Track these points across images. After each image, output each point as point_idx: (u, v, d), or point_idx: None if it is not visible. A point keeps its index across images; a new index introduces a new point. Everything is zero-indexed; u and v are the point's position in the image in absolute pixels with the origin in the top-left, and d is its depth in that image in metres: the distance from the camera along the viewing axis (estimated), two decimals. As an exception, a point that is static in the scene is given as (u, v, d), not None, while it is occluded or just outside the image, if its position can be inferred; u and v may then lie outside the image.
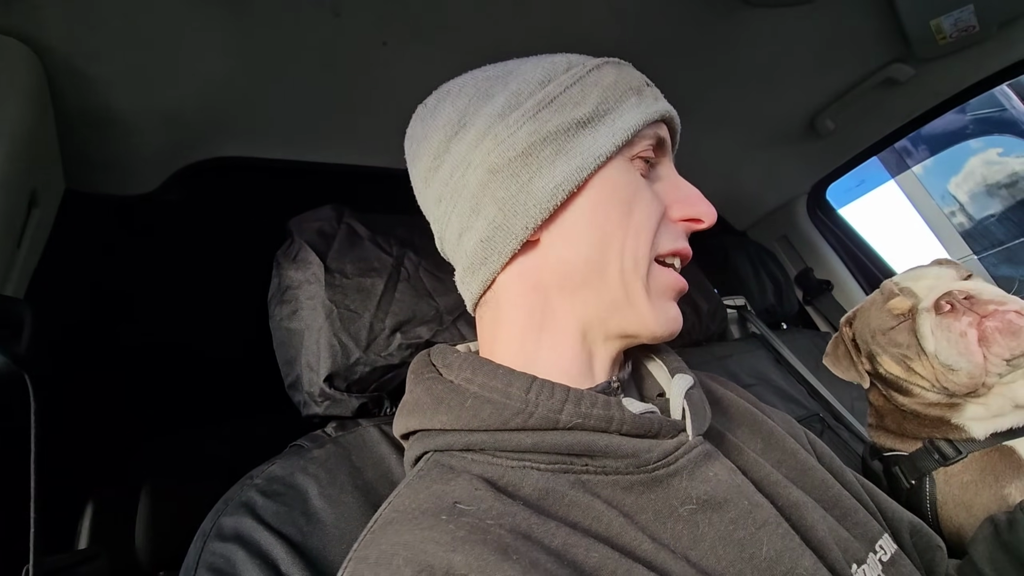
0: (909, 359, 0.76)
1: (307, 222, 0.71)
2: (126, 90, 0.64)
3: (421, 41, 0.81)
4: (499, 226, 0.42)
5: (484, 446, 0.39)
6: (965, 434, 0.76)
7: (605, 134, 0.43)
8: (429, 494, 0.36)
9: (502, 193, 0.42)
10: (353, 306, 0.65)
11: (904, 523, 0.54)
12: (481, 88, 0.45)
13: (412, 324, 0.68)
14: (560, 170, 0.41)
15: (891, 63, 1.19)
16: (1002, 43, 1.10)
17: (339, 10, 0.72)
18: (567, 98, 0.43)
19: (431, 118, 0.46)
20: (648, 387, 0.51)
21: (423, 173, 0.47)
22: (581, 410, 0.38)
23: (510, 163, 0.42)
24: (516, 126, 0.42)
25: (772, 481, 0.44)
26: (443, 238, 0.48)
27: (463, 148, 0.43)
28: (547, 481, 0.37)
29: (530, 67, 0.45)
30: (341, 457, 0.58)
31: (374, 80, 0.82)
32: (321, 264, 0.66)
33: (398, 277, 0.70)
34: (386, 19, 0.76)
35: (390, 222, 0.76)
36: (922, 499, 0.79)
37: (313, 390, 0.63)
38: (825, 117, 1.36)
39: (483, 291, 0.46)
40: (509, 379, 0.40)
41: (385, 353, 0.65)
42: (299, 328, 0.65)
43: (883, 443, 0.88)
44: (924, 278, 0.79)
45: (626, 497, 0.38)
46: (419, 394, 0.43)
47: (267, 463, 0.57)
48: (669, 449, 0.40)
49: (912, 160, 3.19)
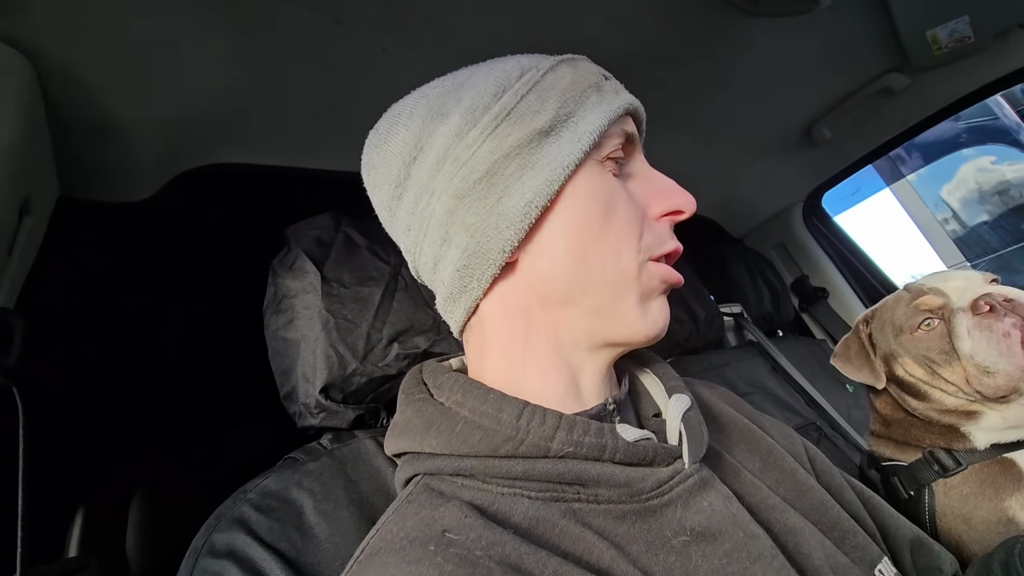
0: (934, 362, 0.75)
1: (304, 230, 0.70)
2: (122, 96, 0.63)
3: (421, 48, 0.80)
4: (473, 253, 0.41)
5: (474, 472, 0.38)
6: (969, 443, 0.75)
7: (570, 140, 0.40)
8: (417, 521, 0.35)
9: (471, 219, 0.40)
10: (350, 316, 0.64)
11: (906, 539, 0.53)
12: (434, 107, 0.42)
13: (410, 334, 0.68)
14: (529, 186, 0.39)
15: (887, 73, 1.20)
16: (997, 54, 1.11)
17: (340, 18, 0.72)
18: (525, 107, 0.40)
19: (385, 144, 0.44)
20: (644, 405, 0.50)
21: (386, 202, 0.45)
22: (573, 438, 0.37)
23: (475, 186, 0.39)
24: (476, 145, 0.40)
25: (769, 505, 0.43)
26: (417, 266, 0.47)
27: (423, 174, 0.41)
28: (537, 510, 0.37)
29: (481, 78, 0.42)
30: (336, 470, 0.57)
31: (374, 87, 0.82)
32: (318, 273, 0.65)
33: (395, 286, 0.69)
34: (386, 26, 0.76)
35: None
36: (921, 510, 0.78)
37: (309, 401, 0.62)
38: (822, 126, 1.37)
39: (467, 318, 0.45)
40: (500, 404, 0.39)
41: (382, 364, 0.65)
42: (295, 338, 0.64)
43: (882, 453, 0.87)
44: (953, 279, 0.77)
45: (618, 527, 0.37)
46: (409, 415, 0.42)
47: (261, 477, 0.56)
48: (664, 478, 0.39)
49: (906, 168, 3.21)
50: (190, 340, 0.89)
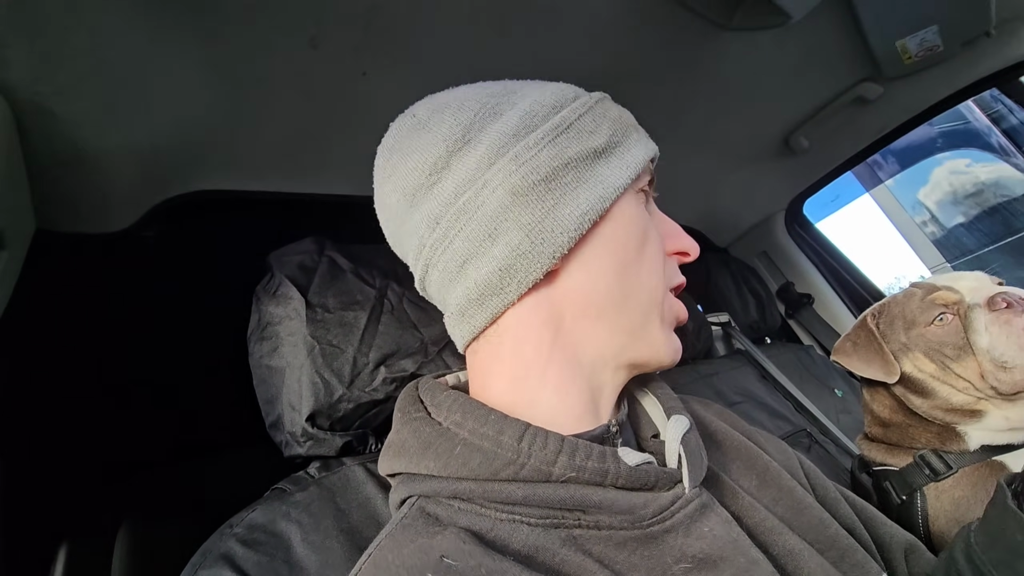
0: (947, 356, 0.75)
1: (287, 256, 0.69)
2: (97, 127, 0.62)
3: (401, 70, 0.81)
4: (523, 253, 0.40)
5: (472, 496, 0.37)
6: (962, 444, 0.76)
7: (619, 165, 0.43)
8: (414, 548, 0.34)
9: (527, 218, 0.39)
10: (336, 341, 0.64)
11: (900, 547, 0.53)
12: (486, 104, 0.42)
13: (397, 357, 0.67)
14: (584, 198, 0.40)
15: (861, 82, 1.22)
16: (965, 62, 1.14)
17: (317, 43, 0.72)
18: (582, 126, 0.42)
19: (423, 130, 0.42)
20: (643, 426, 0.49)
21: (410, 190, 0.42)
22: (575, 462, 0.37)
23: (535, 187, 0.40)
24: (537, 148, 0.40)
25: (767, 528, 0.43)
26: (432, 265, 0.43)
27: (470, 166, 0.40)
28: (538, 537, 0.36)
29: (535, 89, 0.44)
30: (325, 500, 0.56)
31: (354, 110, 0.82)
32: (302, 299, 0.64)
33: (381, 309, 0.69)
34: (364, 49, 0.76)
35: (372, 253, 0.75)
36: (913, 515, 0.78)
37: (295, 430, 0.61)
38: (799, 135, 1.39)
39: (486, 327, 0.43)
40: (501, 426, 0.38)
41: (369, 388, 0.64)
42: (280, 366, 0.63)
43: (873, 457, 0.88)
44: (964, 279, 0.79)
45: (618, 554, 0.37)
46: (406, 435, 0.41)
47: (247, 509, 0.55)
48: (665, 504, 0.38)
49: (884, 173, 3.28)
50: (175, 370, 0.87)
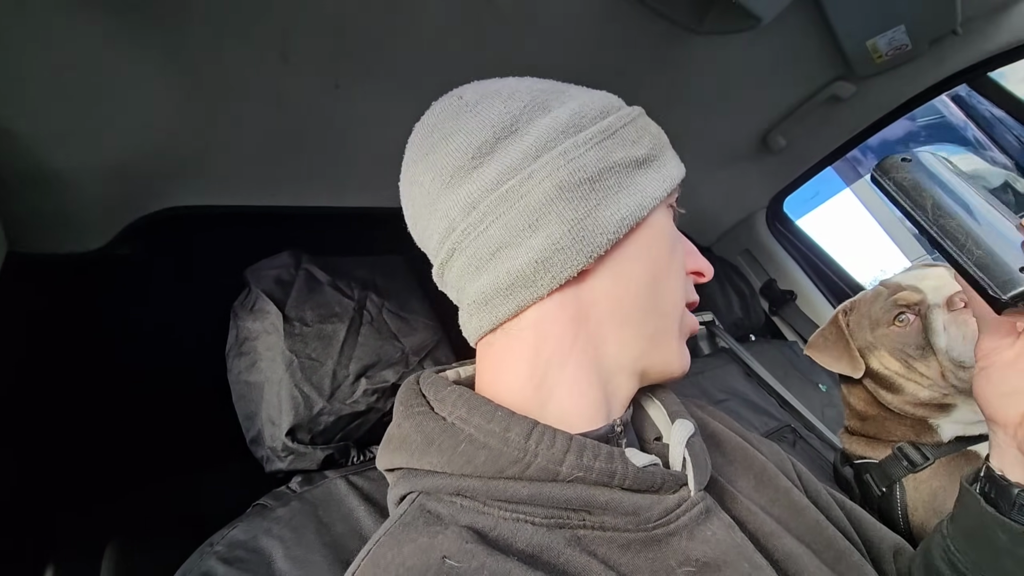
0: (910, 355, 0.77)
1: (264, 270, 0.69)
2: (63, 147, 0.62)
3: (374, 81, 0.81)
4: (562, 248, 0.39)
5: (475, 493, 0.36)
6: (936, 437, 0.77)
7: (657, 178, 0.43)
8: (415, 548, 0.34)
9: (571, 214, 0.39)
10: (315, 354, 0.64)
11: (889, 548, 0.54)
12: (536, 97, 0.42)
13: (377, 368, 0.67)
14: (624, 203, 0.41)
15: (834, 81, 1.24)
16: (933, 59, 1.16)
17: (288, 55, 0.72)
18: (626, 135, 0.43)
19: (470, 113, 0.42)
20: (647, 429, 0.49)
21: (446, 171, 0.41)
22: (583, 462, 0.36)
23: (580, 184, 0.40)
24: (584, 148, 0.41)
25: (766, 532, 0.43)
26: (460, 250, 0.42)
27: (515, 155, 0.40)
28: (542, 537, 0.35)
29: (583, 92, 0.45)
30: (307, 514, 0.56)
31: (328, 121, 0.81)
32: (279, 313, 0.64)
33: (360, 321, 0.69)
34: (336, 61, 0.76)
35: (350, 265, 0.75)
36: (893, 506, 0.79)
37: (276, 445, 0.61)
38: (777, 134, 1.41)
39: (509, 318, 0.42)
40: (508, 423, 0.37)
41: (350, 401, 0.64)
42: (258, 381, 0.63)
43: (854, 450, 0.89)
44: (928, 278, 0.79)
45: (622, 556, 0.36)
46: (408, 430, 0.40)
47: (228, 527, 0.54)
48: (670, 506, 0.38)
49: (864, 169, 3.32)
50: (153, 388, 0.86)
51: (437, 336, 0.76)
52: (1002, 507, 0.41)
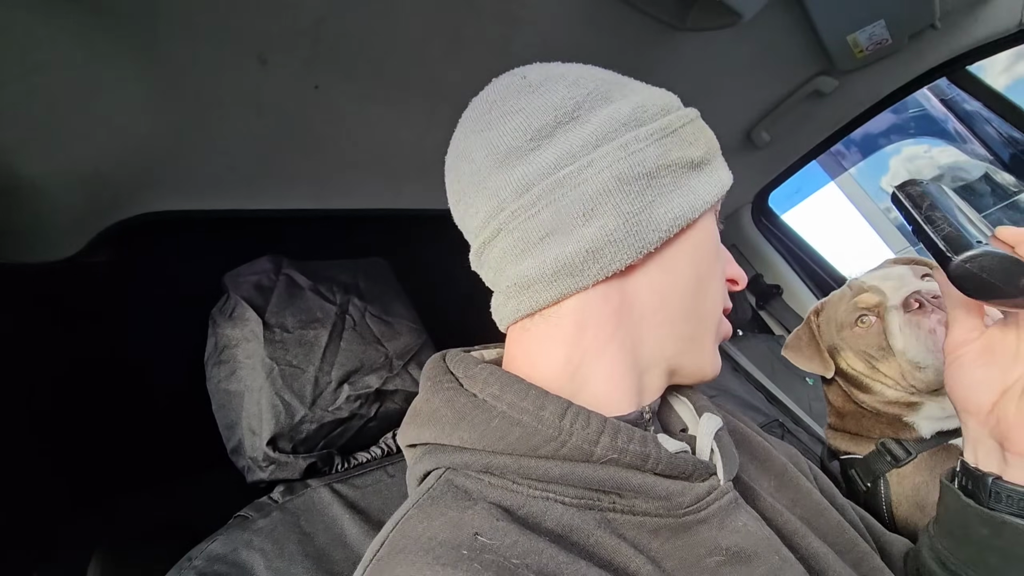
0: (872, 356, 0.77)
1: (243, 276, 0.68)
2: (35, 153, 0.60)
3: (354, 82, 0.79)
4: (615, 240, 0.39)
5: (505, 471, 0.36)
6: (915, 433, 0.78)
7: (709, 181, 0.43)
8: (445, 521, 0.33)
9: (627, 207, 0.39)
10: (296, 361, 0.63)
11: (898, 551, 0.54)
12: (600, 87, 0.42)
13: (360, 373, 0.66)
14: (677, 203, 0.40)
15: (816, 76, 1.25)
16: (914, 53, 1.17)
17: (265, 57, 0.71)
18: (685, 135, 0.42)
19: (534, 94, 0.41)
20: (672, 421, 0.49)
21: (502, 149, 0.40)
22: (618, 444, 0.36)
23: (639, 179, 0.39)
24: (644, 143, 0.40)
25: (791, 531, 0.43)
26: (507, 231, 0.41)
27: (575, 142, 0.40)
28: (572, 517, 0.35)
29: (645, 88, 0.44)
30: (289, 524, 0.55)
31: (308, 124, 0.80)
32: (259, 320, 0.63)
33: (343, 326, 0.68)
34: (315, 63, 0.74)
35: (332, 269, 0.74)
36: (878, 501, 0.80)
37: (256, 455, 0.60)
38: (760, 129, 1.41)
39: (549, 304, 0.41)
40: (542, 401, 0.37)
41: (333, 408, 0.63)
42: (238, 389, 0.62)
43: (839, 446, 0.90)
44: (890, 277, 0.79)
45: (652, 541, 0.36)
46: (437, 404, 0.39)
47: (207, 540, 0.53)
48: (701, 494, 0.38)
49: (848, 162, 3.36)
50: (132, 398, 0.85)
51: (421, 339, 0.75)
52: (980, 498, 0.41)
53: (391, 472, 0.63)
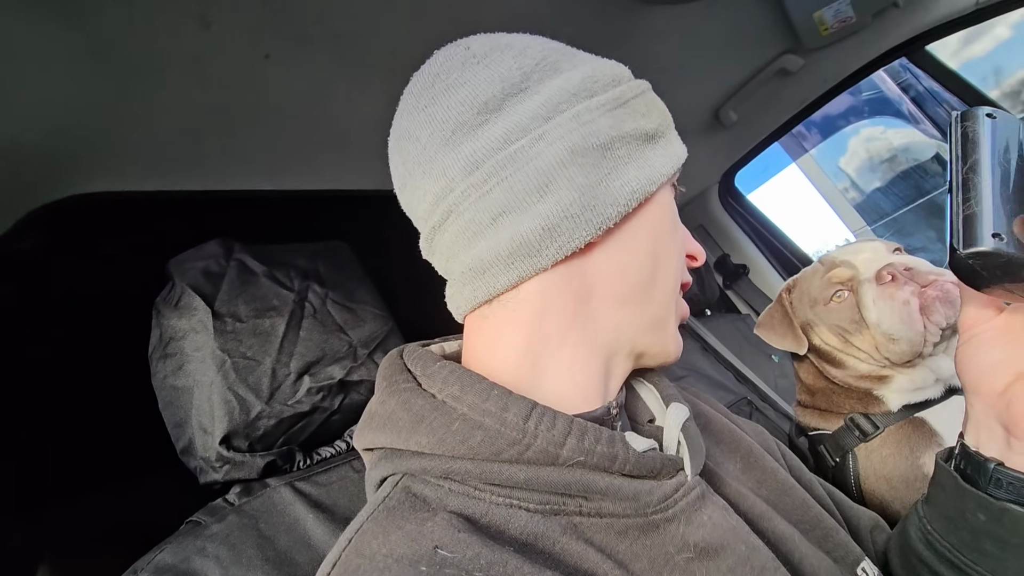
0: (846, 331, 0.78)
1: (189, 262, 0.62)
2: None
3: (310, 51, 0.74)
4: (572, 215, 0.37)
5: (467, 477, 0.34)
6: (884, 407, 0.79)
7: (665, 154, 0.41)
8: (402, 535, 0.31)
9: (583, 180, 0.37)
10: (250, 353, 0.58)
11: (865, 525, 0.54)
12: (548, 56, 0.40)
13: (322, 364, 0.62)
14: (633, 176, 0.39)
15: (783, 54, 1.25)
16: (877, 32, 1.18)
17: (208, 20, 0.65)
18: (637, 106, 0.41)
19: (479, 66, 0.39)
20: (639, 412, 0.48)
21: (447, 125, 0.38)
22: (584, 445, 0.34)
23: (592, 150, 0.37)
24: (596, 113, 0.38)
25: (757, 514, 0.42)
26: (457, 213, 0.38)
27: (524, 115, 0.38)
28: (536, 524, 0.34)
29: (593, 58, 0.43)
30: (246, 528, 0.51)
31: (258, 96, 0.74)
32: (208, 309, 0.58)
33: (302, 314, 0.64)
34: (266, 30, 0.69)
35: (289, 252, 0.69)
36: (847, 475, 0.82)
37: (209, 455, 0.56)
38: (728, 109, 1.41)
39: (507, 289, 0.39)
40: (506, 402, 0.35)
41: (292, 401, 0.59)
42: (187, 385, 0.57)
43: (808, 422, 0.91)
44: (862, 252, 0.80)
45: (620, 543, 0.35)
46: (393, 407, 0.37)
47: (155, 550, 0.49)
48: (668, 492, 0.37)
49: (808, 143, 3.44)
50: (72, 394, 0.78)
51: (387, 326, 0.72)
52: (979, 483, 0.40)
53: (357, 467, 0.60)
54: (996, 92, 5.08)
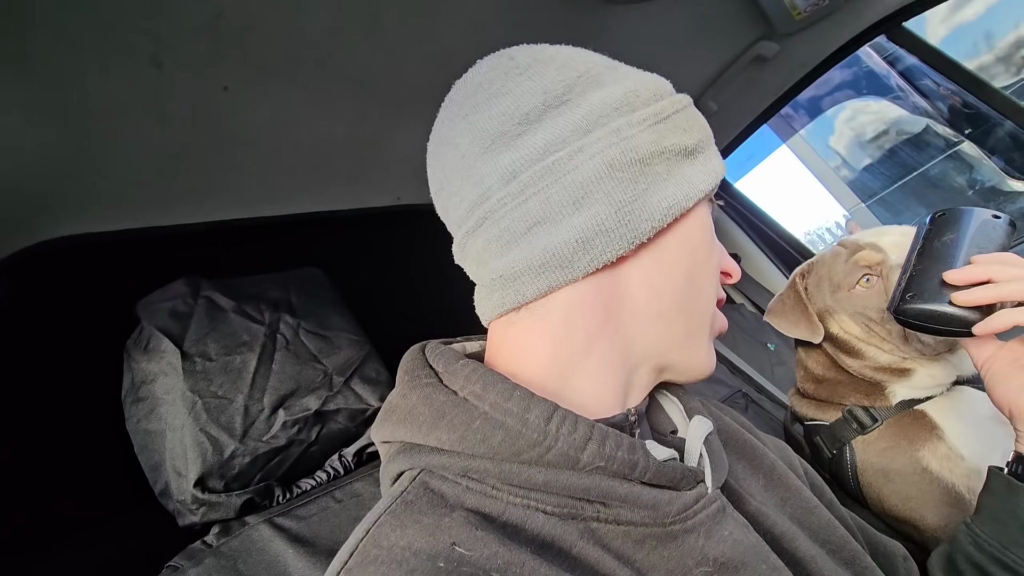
0: (871, 319, 0.74)
1: (156, 304, 0.62)
2: None
3: (267, 80, 0.73)
4: (607, 230, 0.37)
5: (485, 476, 0.34)
6: (887, 401, 0.77)
7: (704, 170, 0.41)
8: (420, 529, 0.31)
9: (620, 195, 0.37)
10: (221, 392, 0.58)
11: (896, 556, 0.54)
12: (590, 70, 0.40)
13: (296, 396, 0.62)
14: (671, 192, 0.39)
15: (757, 41, 1.23)
16: (851, 13, 1.16)
17: (160, 60, 0.64)
18: (678, 122, 0.41)
19: (521, 77, 0.39)
20: (661, 422, 0.47)
21: (488, 134, 0.39)
22: (605, 451, 0.34)
23: (631, 165, 0.38)
24: (637, 128, 0.38)
25: (779, 533, 0.42)
26: (492, 221, 0.39)
27: (565, 127, 0.38)
28: (553, 527, 0.33)
29: (637, 72, 0.43)
30: (225, 570, 0.51)
31: (218, 129, 0.74)
32: (176, 350, 0.58)
33: (274, 347, 0.63)
34: (220, 62, 0.68)
35: (260, 284, 0.68)
36: (843, 468, 0.80)
37: (184, 498, 0.55)
38: (707, 99, 1.39)
39: (536, 297, 0.39)
40: (527, 403, 0.35)
41: (267, 437, 0.58)
42: (159, 428, 0.57)
43: (804, 412, 0.89)
44: (888, 235, 0.76)
45: (637, 552, 0.35)
46: (414, 401, 0.37)
47: (131, 602, 0.49)
48: (688, 502, 0.36)
49: (797, 124, 3.41)
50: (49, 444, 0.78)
51: (364, 350, 0.71)
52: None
53: (338, 497, 0.59)
54: (990, 56, 5.01)
